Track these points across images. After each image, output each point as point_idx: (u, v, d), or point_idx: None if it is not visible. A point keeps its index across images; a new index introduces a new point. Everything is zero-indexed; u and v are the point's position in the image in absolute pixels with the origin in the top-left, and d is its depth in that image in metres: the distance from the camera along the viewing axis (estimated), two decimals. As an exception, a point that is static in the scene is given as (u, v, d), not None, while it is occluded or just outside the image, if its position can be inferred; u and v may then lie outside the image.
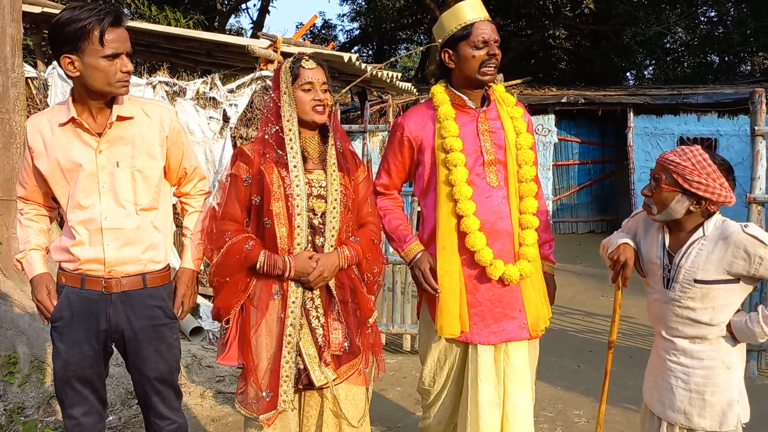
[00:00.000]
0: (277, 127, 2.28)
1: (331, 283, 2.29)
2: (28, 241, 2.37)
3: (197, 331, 4.96)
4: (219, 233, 2.26)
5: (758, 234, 2.05)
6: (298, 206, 2.23)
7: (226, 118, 5.54)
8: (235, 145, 5.56)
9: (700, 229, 2.14)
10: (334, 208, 2.27)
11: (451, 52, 2.45)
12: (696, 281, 2.11)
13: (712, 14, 17.79)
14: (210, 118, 5.52)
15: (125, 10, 12.94)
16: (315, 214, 2.27)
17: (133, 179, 2.26)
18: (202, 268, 2.52)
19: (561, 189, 12.27)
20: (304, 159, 2.30)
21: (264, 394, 2.22)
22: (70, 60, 2.11)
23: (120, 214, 2.24)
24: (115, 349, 2.41)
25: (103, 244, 2.22)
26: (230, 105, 5.55)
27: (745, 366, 2.22)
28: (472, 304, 2.45)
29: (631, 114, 11.34)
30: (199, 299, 5.27)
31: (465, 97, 2.49)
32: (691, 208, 2.11)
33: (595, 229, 12.54)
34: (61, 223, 2.40)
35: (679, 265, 2.15)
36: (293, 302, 2.24)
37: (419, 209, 2.63)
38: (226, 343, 2.30)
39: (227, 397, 3.99)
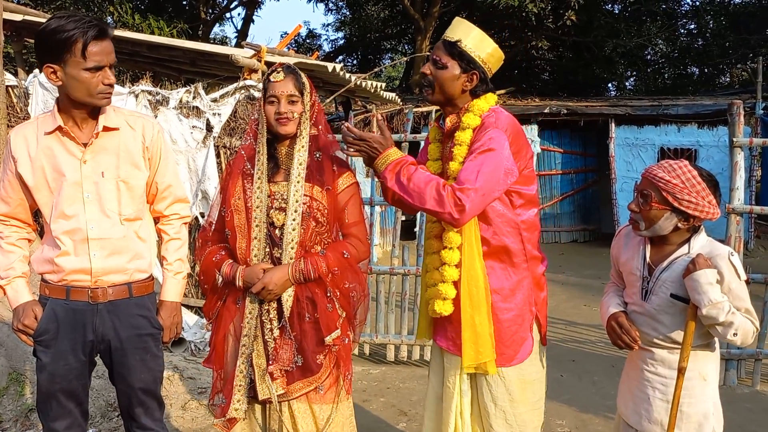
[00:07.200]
0: (251, 140, 2.34)
1: (286, 297, 2.24)
2: (12, 268, 2.30)
3: (179, 342, 4.92)
4: (203, 243, 2.40)
5: (738, 267, 2.06)
6: (256, 218, 2.24)
7: (209, 128, 5.51)
8: (218, 155, 5.53)
9: (686, 246, 2.14)
10: (293, 220, 2.22)
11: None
12: (672, 296, 2.11)
13: (692, 27, 18.09)
14: (193, 127, 5.49)
15: (108, 19, 12.89)
16: (274, 227, 2.26)
17: (117, 189, 2.25)
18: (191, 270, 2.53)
19: (544, 199, 12.33)
20: (278, 170, 2.31)
21: (221, 400, 2.29)
22: (52, 70, 2.11)
23: (106, 224, 2.23)
24: (97, 361, 2.39)
25: (89, 254, 2.21)
26: (214, 114, 5.52)
27: (722, 376, 2.22)
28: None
29: (613, 125, 11.46)
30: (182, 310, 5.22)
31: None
32: (679, 224, 2.10)
33: (578, 238, 12.62)
34: (41, 233, 2.37)
35: (659, 278, 2.15)
36: (249, 313, 2.27)
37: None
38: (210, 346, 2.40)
39: (209, 409, 3.95)
